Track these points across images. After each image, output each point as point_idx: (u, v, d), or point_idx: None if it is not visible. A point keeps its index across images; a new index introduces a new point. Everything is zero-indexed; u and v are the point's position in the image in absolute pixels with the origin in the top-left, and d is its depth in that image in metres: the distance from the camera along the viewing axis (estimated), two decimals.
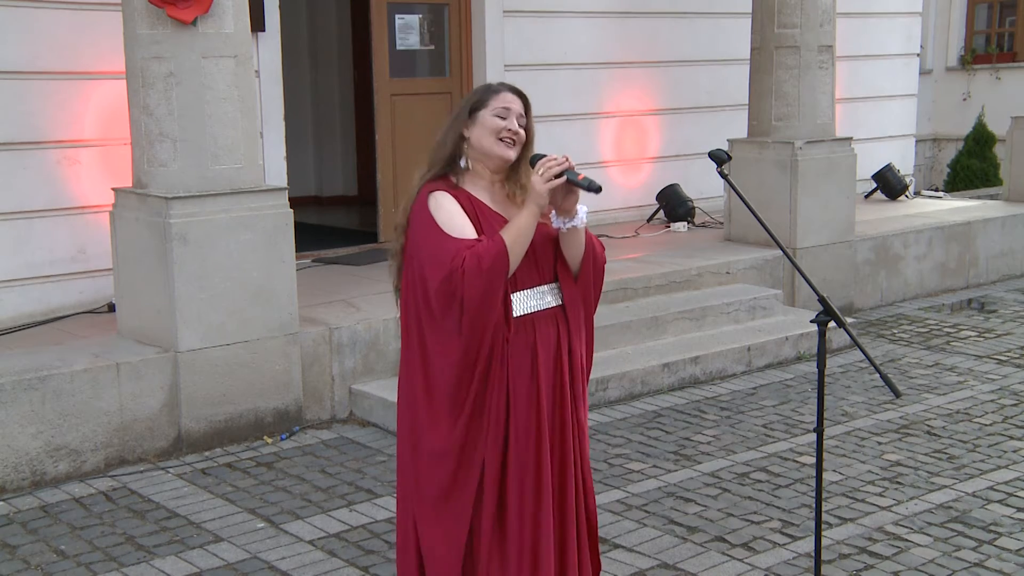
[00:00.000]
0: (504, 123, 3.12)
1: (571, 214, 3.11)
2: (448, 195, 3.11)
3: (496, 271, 2.97)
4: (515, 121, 3.13)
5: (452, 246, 2.99)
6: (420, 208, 3.12)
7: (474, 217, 3.09)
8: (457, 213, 3.08)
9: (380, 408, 5.92)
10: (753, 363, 7.04)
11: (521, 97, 3.18)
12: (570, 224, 3.12)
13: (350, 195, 11.59)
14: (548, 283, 3.20)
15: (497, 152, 3.13)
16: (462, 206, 3.10)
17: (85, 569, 4.33)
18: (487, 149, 3.13)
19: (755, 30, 8.35)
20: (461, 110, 3.17)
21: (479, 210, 3.12)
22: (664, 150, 9.80)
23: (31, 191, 6.50)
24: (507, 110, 3.13)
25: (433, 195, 3.12)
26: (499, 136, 3.12)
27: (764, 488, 5.10)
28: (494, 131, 3.11)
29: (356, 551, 4.47)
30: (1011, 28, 16.65)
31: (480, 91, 3.19)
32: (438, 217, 3.07)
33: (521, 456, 3.12)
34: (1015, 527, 4.68)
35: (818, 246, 8.26)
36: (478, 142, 3.14)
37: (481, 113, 3.13)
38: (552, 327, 3.19)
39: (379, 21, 8.42)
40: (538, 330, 3.15)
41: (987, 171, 14.08)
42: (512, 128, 3.12)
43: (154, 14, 5.37)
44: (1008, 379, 6.83)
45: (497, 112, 3.12)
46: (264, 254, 5.67)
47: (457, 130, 3.16)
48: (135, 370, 5.39)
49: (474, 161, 3.17)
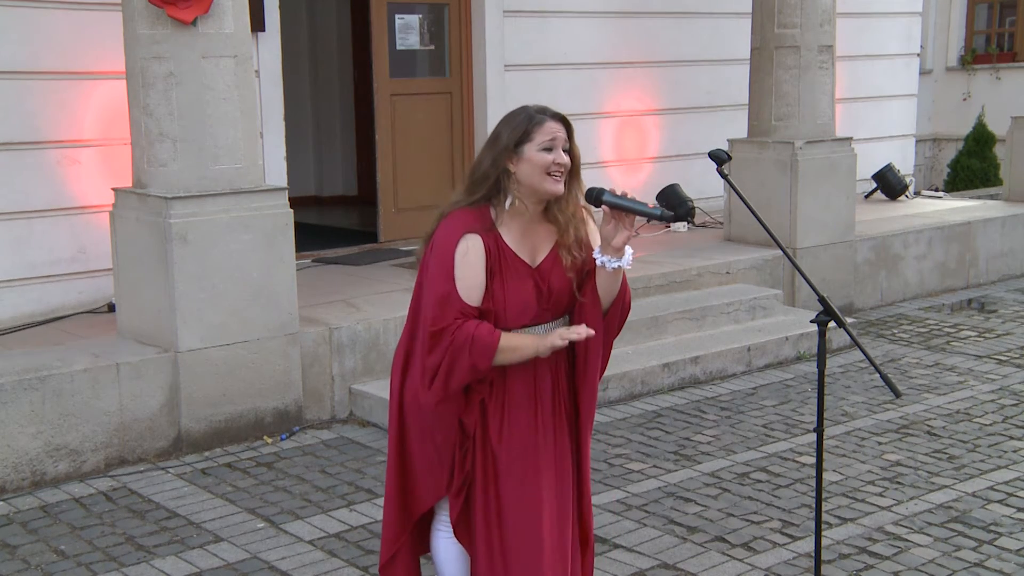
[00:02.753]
0: (551, 157, 3.03)
1: (620, 253, 3.04)
2: (480, 245, 3.04)
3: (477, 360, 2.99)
4: (562, 154, 3.06)
5: (456, 306, 3.01)
6: (448, 240, 3.05)
7: (496, 268, 3.05)
8: (476, 271, 3.03)
9: (380, 408, 5.92)
10: (753, 363, 7.04)
11: (564, 123, 3.10)
12: (615, 264, 3.05)
13: (350, 195, 11.59)
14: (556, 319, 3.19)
15: (547, 188, 3.06)
16: (489, 254, 3.05)
17: (85, 569, 4.33)
18: (536, 186, 3.06)
19: (755, 30, 8.35)
20: (505, 140, 3.06)
21: (504, 255, 3.07)
22: (664, 150, 9.80)
23: (31, 191, 6.50)
24: (553, 140, 3.05)
25: (466, 239, 3.04)
26: (548, 172, 3.04)
27: (764, 488, 5.10)
28: (543, 167, 3.03)
29: (356, 551, 4.47)
30: (1011, 28, 16.66)
31: (523, 121, 3.07)
32: (458, 265, 3.03)
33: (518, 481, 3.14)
34: (1015, 527, 4.68)
35: (818, 246, 8.26)
36: (527, 179, 3.05)
37: (527, 148, 3.03)
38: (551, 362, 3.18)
39: (379, 21, 8.42)
40: (538, 366, 3.15)
41: (987, 171, 14.08)
42: (560, 162, 3.05)
43: (154, 14, 5.37)
44: (1008, 379, 6.83)
45: (544, 145, 3.04)
46: (264, 254, 5.67)
47: (501, 164, 3.06)
48: (135, 370, 5.39)
49: (520, 197, 3.08)
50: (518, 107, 3.15)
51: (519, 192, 3.07)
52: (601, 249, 3.05)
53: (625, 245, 3.03)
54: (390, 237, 8.56)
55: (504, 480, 3.12)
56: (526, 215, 3.11)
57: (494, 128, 3.14)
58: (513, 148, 3.05)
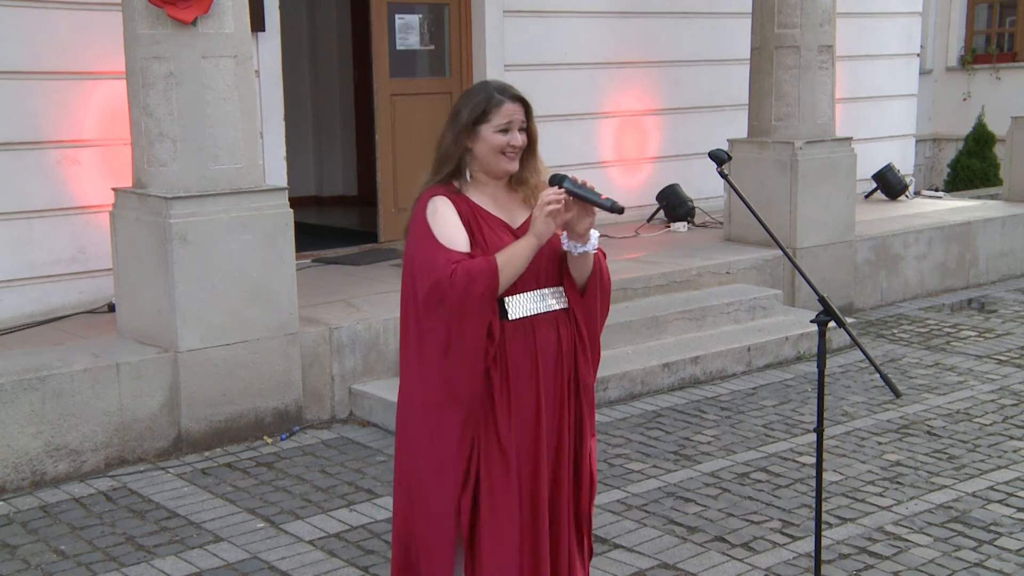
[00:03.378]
0: (506, 138, 3.13)
1: (584, 239, 3.11)
2: (447, 201, 3.12)
3: (484, 290, 2.98)
4: (517, 135, 3.14)
5: (443, 256, 3.01)
6: (419, 213, 3.13)
7: (474, 223, 3.10)
8: (452, 222, 3.08)
9: (380, 408, 5.92)
10: (753, 363, 7.04)
11: (522, 102, 3.17)
12: (581, 249, 3.12)
13: (350, 195, 11.59)
14: (551, 286, 3.20)
15: (501, 167, 3.15)
16: (460, 212, 3.10)
17: (85, 569, 4.33)
18: (491, 164, 3.15)
19: (755, 30, 8.35)
20: (464, 119, 3.14)
21: (479, 215, 3.12)
22: (664, 150, 9.80)
23: (31, 191, 6.50)
24: (510, 123, 3.13)
25: (432, 200, 3.12)
26: (502, 151, 3.14)
27: (764, 488, 5.10)
28: (497, 148, 3.13)
29: (356, 551, 4.47)
30: (1011, 28, 16.66)
31: (482, 100, 3.14)
32: (433, 223, 3.08)
33: (520, 457, 3.12)
34: (1015, 527, 4.68)
35: (818, 246, 8.26)
36: (482, 156, 3.15)
37: (483, 128, 3.13)
38: (552, 330, 3.17)
39: (379, 21, 8.42)
40: (537, 332, 3.14)
41: (987, 171, 14.08)
42: (515, 144, 3.14)
43: (154, 14, 5.37)
44: (1008, 379, 6.83)
45: (500, 127, 3.12)
46: (264, 254, 5.67)
47: (460, 143, 3.16)
48: (135, 370, 5.39)
49: (477, 171, 3.18)
50: (479, 83, 3.27)
51: (476, 167, 3.17)
52: (568, 236, 3.12)
53: (588, 231, 3.10)
54: (390, 237, 8.56)
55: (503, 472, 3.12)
56: (489, 185, 3.19)
57: (455, 103, 3.24)
58: (471, 127, 3.14)
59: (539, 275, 3.15)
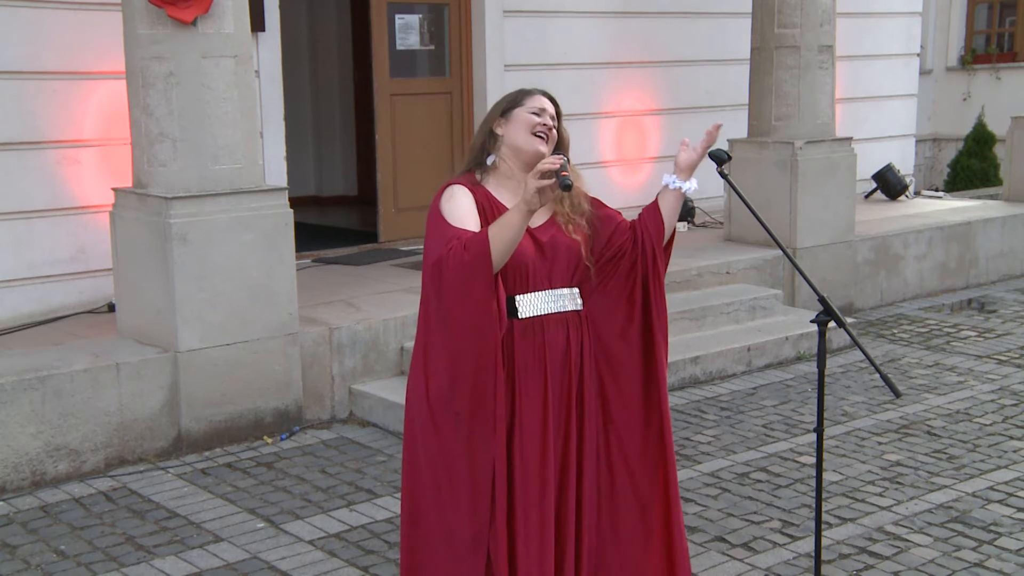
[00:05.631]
0: (539, 119, 3.15)
1: (686, 175, 3.18)
2: (465, 189, 3.11)
3: (475, 257, 2.89)
4: (548, 119, 3.17)
5: (448, 233, 2.98)
6: (435, 201, 3.13)
7: (489, 214, 3.07)
8: (464, 206, 3.06)
9: (380, 408, 5.92)
10: (753, 363, 7.04)
11: (554, 102, 3.23)
12: (677, 184, 3.18)
13: (350, 195, 11.59)
14: (565, 287, 3.18)
15: (531, 146, 3.14)
16: (477, 201, 3.09)
17: (85, 569, 4.33)
18: (520, 144, 3.15)
19: (755, 30, 8.35)
20: (498, 109, 3.21)
21: (495, 207, 3.09)
22: (664, 150, 9.79)
23: (31, 191, 6.50)
24: (542, 110, 3.17)
25: (450, 188, 3.12)
26: (533, 131, 3.14)
27: (764, 488, 5.10)
28: (528, 126, 3.14)
29: (356, 551, 4.47)
30: (1011, 28, 16.65)
31: (515, 93, 3.24)
32: (445, 207, 3.06)
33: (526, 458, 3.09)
34: (1015, 527, 4.68)
35: (818, 246, 8.26)
36: (512, 138, 3.16)
37: (516, 111, 3.16)
38: (562, 331, 3.15)
39: (379, 21, 8.42)
40: (546, 332, 3.12)
41: (987, 171, 14.07)
42: (547, 123, 3.15)
43: (154, 14, 5.37)
44: (1008, 379, 6.83)
45: (532, 110, 3.16)
46: (264, 254, 5.67)
47: (487, 128, 3.19)
48: (135, 370, 5.39)
49: (504, 159, 3.17)
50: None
51: (503, 153, 3.17)
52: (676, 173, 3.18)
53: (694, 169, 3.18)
54: (390, 237, 8.55)
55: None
56: (513, 178, 3.17)
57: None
58: (502, 113, 3.18)
59: (552, 275, 3.13)
